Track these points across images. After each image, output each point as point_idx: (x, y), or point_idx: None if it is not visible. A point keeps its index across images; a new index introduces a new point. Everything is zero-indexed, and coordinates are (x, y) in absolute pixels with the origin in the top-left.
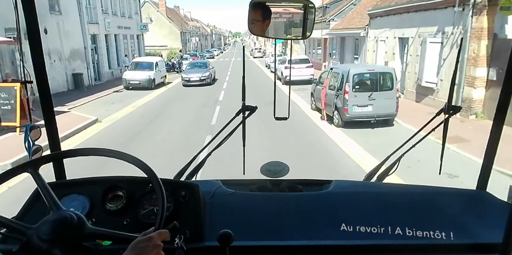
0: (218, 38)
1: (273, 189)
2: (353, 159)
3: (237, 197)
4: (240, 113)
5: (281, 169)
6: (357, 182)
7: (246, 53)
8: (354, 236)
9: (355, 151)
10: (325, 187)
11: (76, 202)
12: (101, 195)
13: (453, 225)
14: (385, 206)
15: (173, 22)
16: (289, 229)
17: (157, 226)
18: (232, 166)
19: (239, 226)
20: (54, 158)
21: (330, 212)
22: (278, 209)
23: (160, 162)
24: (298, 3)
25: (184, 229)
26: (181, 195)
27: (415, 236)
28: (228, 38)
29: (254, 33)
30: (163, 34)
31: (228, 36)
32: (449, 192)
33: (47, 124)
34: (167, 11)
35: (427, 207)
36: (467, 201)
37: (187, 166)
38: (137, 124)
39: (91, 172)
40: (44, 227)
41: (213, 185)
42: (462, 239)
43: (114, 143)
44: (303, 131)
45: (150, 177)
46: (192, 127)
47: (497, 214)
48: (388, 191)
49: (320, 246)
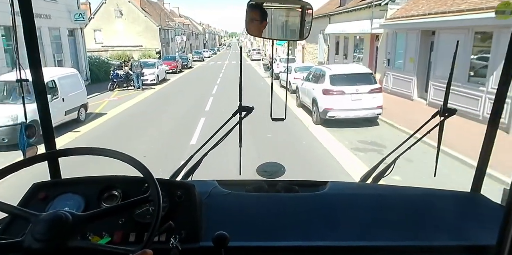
0: (212, 37)
1: (269, 190)
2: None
3: (233, 197)
4: (236, 114)
5: (277, 170)
6: (352, 183)
7: (243, 55)
8: (349, 237)
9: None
10: (321, 188)
11: (71, 201)
12: (97, 194)
13: (447, 226)
14: (380, 207)
15: (150, 17)
16: (285, 230)
17: (153, 226)
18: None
19: (235, 227)
20: (50, 156)
21: (326, 213)
22: (274, 210)
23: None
24: (295, 4)
25: (179, 229)
26: (177, 195)
27: (409, 238)
28: (223, 38)
29: (251, 33)
30: (137, 31)
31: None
32: (444, 194)
33: (42, 123)
34: (143, 2)
35: (422, 208)
36: (462, 203)
37: (183, 166)
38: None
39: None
40: (39, 225)
41: (209, 185)
42: (456, 240)
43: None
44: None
45: (146, 176)
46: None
47: (491, 216)
48: (384, 192)
49: (315, 247)
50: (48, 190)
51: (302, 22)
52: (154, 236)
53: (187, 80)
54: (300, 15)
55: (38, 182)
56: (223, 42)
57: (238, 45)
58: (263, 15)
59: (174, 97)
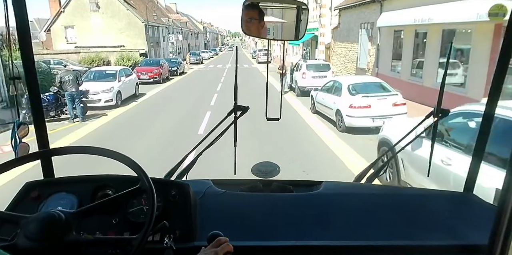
0: (214, 37)
1: (264, 189)
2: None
3: (228, 197)
4: (232, 114)
5: (272, 170)
6: (347, 183)
7: (247, 56)
8: (344, 236)
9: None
10: (315, 188)
11: (64, 200)
12: (90, 193)
13: (440, 226)
14: (374, 207)
15: (134, 10)
16: (279, 230)
17: (147, 226)
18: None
19: (229, 226)
20: (43, 155)
21: (320, 213)
22: (269, 209)
23: None
24: (291, 4)
25: (174, 228)
26: (171, 194)
27: (403, 237)
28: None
29: (247, 33)
30: (118, 28)
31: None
32: (437, 194)
33: (35, 122)
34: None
35: (415, 208)
36: (455, 203)
37: (178, 165)
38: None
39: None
40: (31, 225)
41: (203, 184)
42: (449, 240)
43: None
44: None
45: (140, 176)
46: None
47: (483, 216)
48: (378, 192)
49: (309, 246)
50: (41, 189)
51: (297, 22)
52: (148, 235)
53: (167, 97)
54: (296, 15)
55: (30, 181)
56: (225, 42)
57: (241, 45)
58: (259, 15)
59: (131, 138)
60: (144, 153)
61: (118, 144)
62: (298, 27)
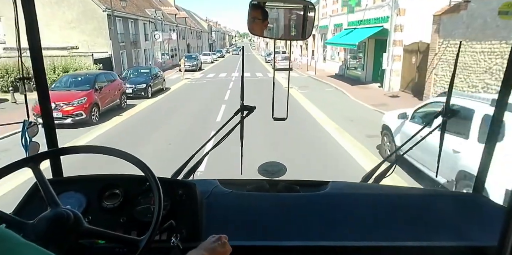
0: (221, 37)
1: (270, 189)
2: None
3: (234, 196)
4: (238, 113)
5: (278, 170)
6: (354, 183)
7: (258, 60)
8: (350, 237)
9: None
10: (322, 188)
11: (72, 199)
12: (98, 193)
13: (449, 227)
14: (382, 207)
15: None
16: (286, 230)
17: (154, 225)
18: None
19: (236, 226)
20: (55, 153)
21: (327, 213)
22: (275, 210)
23: None
24: (298, 4)
25: (180, 228)
26: (178, 194)
27: (410, 238)
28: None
29: (253, 33)
30: (67, 20)
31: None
32: (446, 195)
33: (44, 121)
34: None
35: (424, 209)
36: (463, 204)
37: (184, 165)
38: None
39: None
40: (40, 224)
41: (210, 184)
42: (457, 241)
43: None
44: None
45: (148, 175)
46: None
47: (492, 217)
48: (385, 192)
49: (316, 246)
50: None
51: (304, 21)
52: (155, 234)
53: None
54: (303, 15)
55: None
56: (234, 42)
57: (250, 46)
58: (265, 14)
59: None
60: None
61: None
62: (305, 26)
